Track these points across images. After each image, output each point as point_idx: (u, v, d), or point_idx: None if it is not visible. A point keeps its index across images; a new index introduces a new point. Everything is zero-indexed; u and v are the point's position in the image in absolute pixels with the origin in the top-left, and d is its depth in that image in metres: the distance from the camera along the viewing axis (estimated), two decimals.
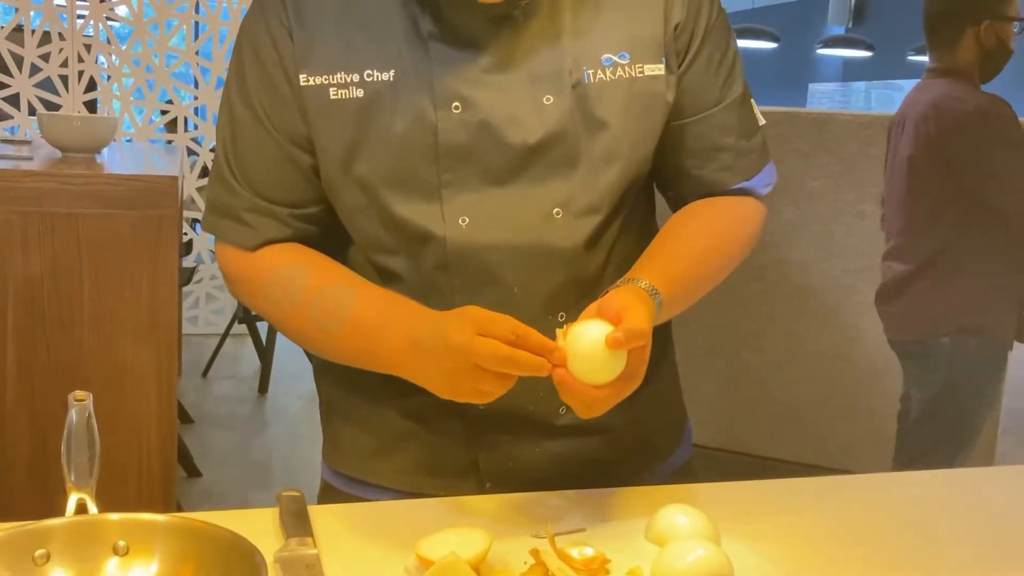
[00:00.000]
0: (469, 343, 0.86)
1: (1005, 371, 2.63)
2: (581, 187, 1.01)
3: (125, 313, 2.02)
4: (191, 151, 4.89)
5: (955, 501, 1.13)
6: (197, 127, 4.96)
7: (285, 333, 1.07)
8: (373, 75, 0.99)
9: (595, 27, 1.02)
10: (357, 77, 0.99)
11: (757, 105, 1.14)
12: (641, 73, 1.02)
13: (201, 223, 1.13)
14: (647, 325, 0.88)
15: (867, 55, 9.23)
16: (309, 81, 1.00)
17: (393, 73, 0.99)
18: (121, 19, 4.80)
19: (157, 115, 4.88)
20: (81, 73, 4.56)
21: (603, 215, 1.02)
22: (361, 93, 0.99)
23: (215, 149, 1.08)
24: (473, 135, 0.98)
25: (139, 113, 4.81)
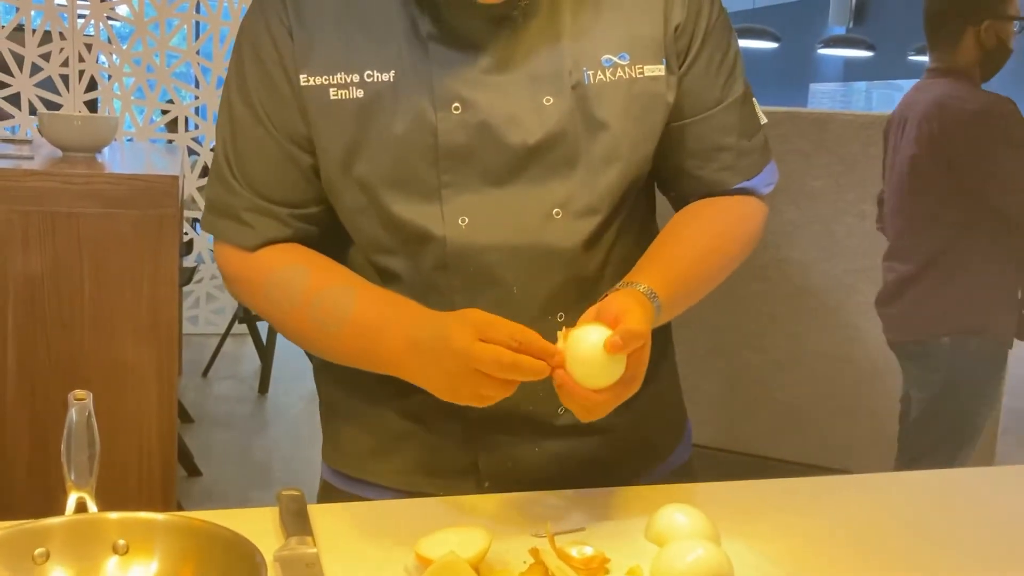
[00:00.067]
0: (471, 348, 0.86)
1: (1005, 370, 2.63)
2: (581, 188, 1.01)
3: (126, 312, 2.02)
4: (192, 151, 4.89)
5: (955, 501, 1.13)
6: (198, 127, 4.96)
7: (285, 333, 1.06)
8: (373, 75, 0.99)
9: (595, 28, 1.02)
10: (357, 77, 0.99)
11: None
12: (641, 74, 1.02)
13: (200, 222, 1.13)
14: (645, 328, 0.89)
15: (868, 55, 9.22)
16: (309, 81, 1.00)
17: (393, 74, 0.99)
18: (122, 19, 4.80)
19: (158, 115, 4.88)
20: (82, 73, 4.56)
21: (603, 216, 1.02)
22: (361, 93, 0.99)
23: (215, 149, 1.08)
24: (473, 136, 0.98)
25: (140, 113, 4.81)
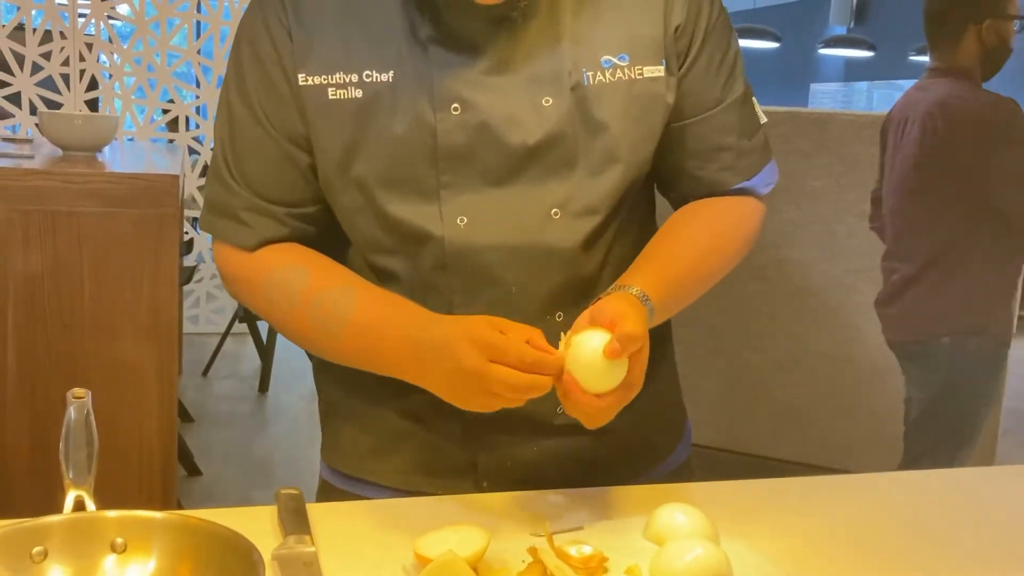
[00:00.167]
0: (481, 369, 0.87)
1: (1005, 370, 2.63)
2: (580, 188, 1.01)
3: (126, 312, 2.02)
4: (192, 150, 4.89)
5: (955, 501, 1.13)
6: (198, 126, 4.96)
7: (285, 334, 1.06)
8: (372, 76, 0.99)
9: (595, 29, 1.02)
10: (356, 77, 0.99)
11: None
12: (641, 75, 1.02)
13: (199, 222, 1.13)
14: (642, 330, 0.89)
15: (869, 55, 9.22)
16: (308, 81, 1.00)
17: (392, 74, 0.99)
18: (123, 18, 4.80)
19: (159, 114, 4.88)
20: (82, 72, 4.56)
21: (602, 216, 1.02)
22: (360, 94, 0.99)
23: (213, 148, 1.08)
24: (472, 136, 0.98)
25: (140, 112, 4.81)
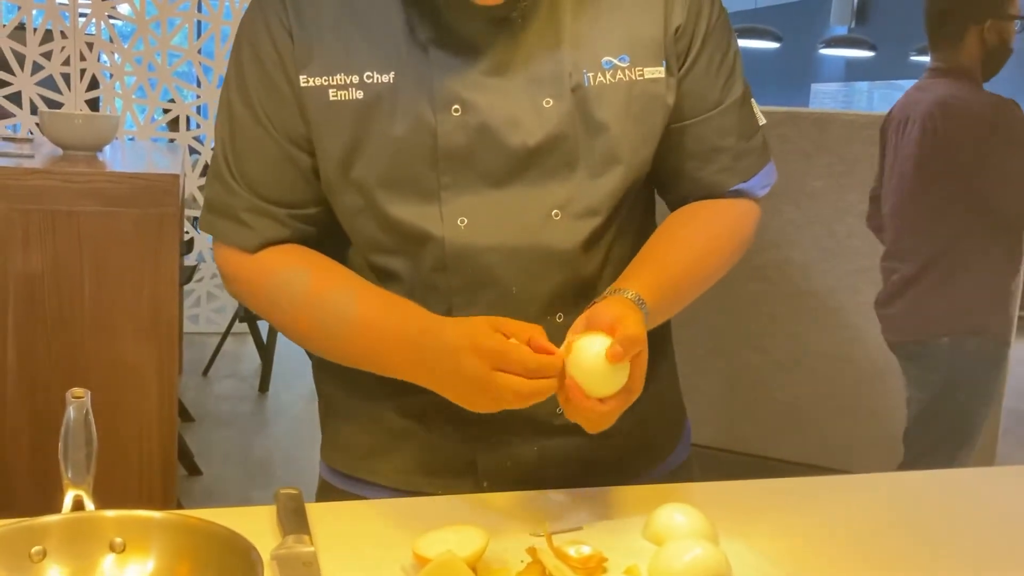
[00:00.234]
0: (487, 378, 0.87)
1: (1005, 370, 2.62)
2: (580, 189, 1.01)
3: (126, 311, 2.02)
4: (193, 150, 4.89)
5: (955, 501, 1.13)
6: (199, 126, 4.96)
7: (288, 335, 1.06)
8: (373, 77, 0.99)
9: (595, 30, 1.01)
10: (357, 79, 0.99)
11: (759, 105, 1.14)
12: (641, 76, 1.02)
13: (199, 222, 1.13)
14: (642, 331, 0.89)
15: (870, 55, 9.22)
16: (309, 82, 1.00)
17: (393, 75, 0.98)
18: (123, 17, 4.80)
19: (159, 114, 4.88)
20: (83, 71, 4.56)
21: (602, 217, 1.02)
22: (361, 95, 0.99)
23: (214, 148, 1.08)
24: (472, 138, 0.98)
25: (141, 112, 4.81)
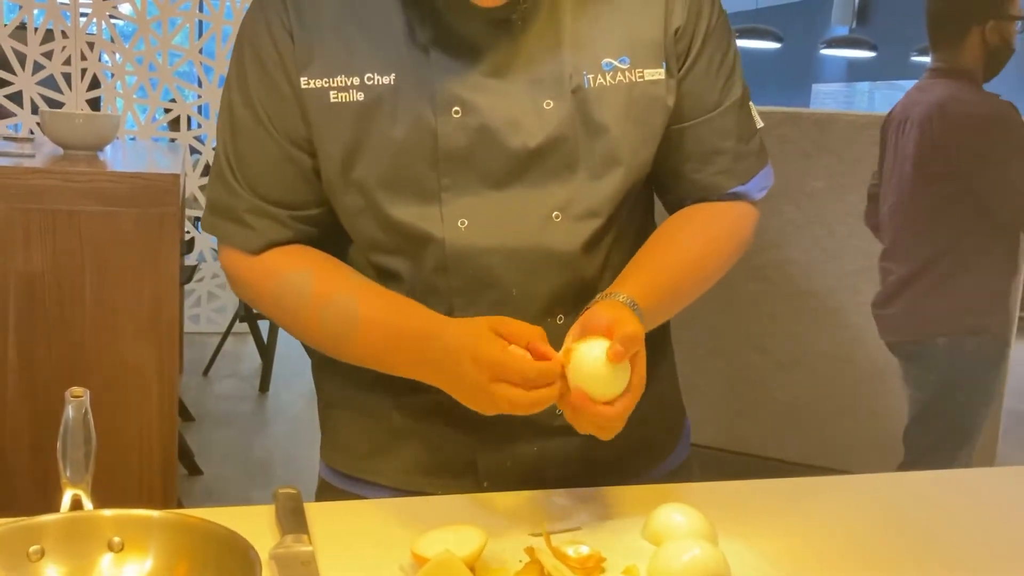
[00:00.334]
0: (487, 388, 0.88)
1: (1003, 369, 2.62)
2: (581, 191, 1.01)
3: (126, 311, 2.02)
4: (194, 149, 4.89)
5: (955, 501, 1.13)
6: (200, 125, 4.96)
7: (296, 337, 1.07)
8: (374, 78, 0.99)
9: (595, 31, 1.01)
10: (358, 80, 0.99)
11: (760, 105, 1.14)
12: (641, 77, 1.02)
13: (201, 223, 1.13)
14: (639, 328, 0.90)
15: (871, 55, 9.22)
16: (310, 84, 1.00)
17: (394, 76, 0.98)
18: (124, 17, 4.80)
19: (160, 113, 4.88)
20: (84, 71, 4.56)
21: (603, 219, 1.02)
22: (361, 96, 0.99)
23: (216, 149, 1.08)
24: (473, 139, 0.98)
25: (142, 111, 4.81)
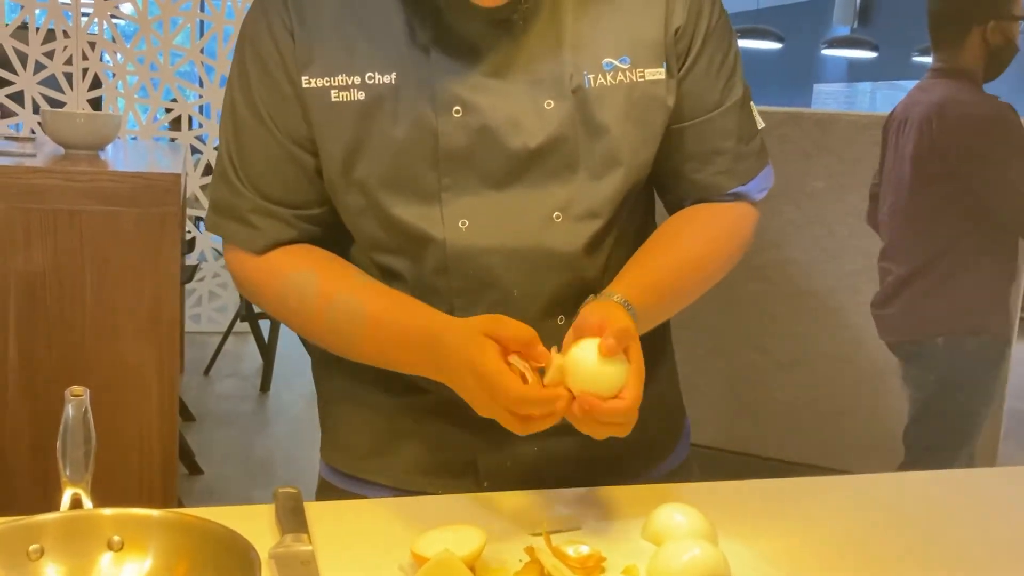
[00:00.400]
0: (488, 404, 0.88)
1: (1002, 369, 2.62)
2: (581, 192, 1.01)
3: (127, 310, 2.02)
4: (195, 149, 4.89)
5: (955, 501, 1.13)
6: (201, 125, 4.96)
7: (301, 335, 1.07)
8: (375, 78, 0.99)
9: (596, 31, 1.01)
10: (359, 79, 0.99)
11: (761, 106, 1.14)
12: (642, 78, 1.02)
13: (205, 222, 1.13)
14: (629, 322, 0.90)
15: (872, 56, 9.21)
16: (311, 83, 1.00)
17: (394, 76, 0.98)
18: (126, 17, 4.80)
19: (161, 113, 4.89)
20: (85, 71, 4.56)
21: (604, 220, 1.02)
22: (362, 96, 0.99)
23: (218, 149, 1.08)
24: (473, 139, 0.98)
25: (143, 111, 4.81)
